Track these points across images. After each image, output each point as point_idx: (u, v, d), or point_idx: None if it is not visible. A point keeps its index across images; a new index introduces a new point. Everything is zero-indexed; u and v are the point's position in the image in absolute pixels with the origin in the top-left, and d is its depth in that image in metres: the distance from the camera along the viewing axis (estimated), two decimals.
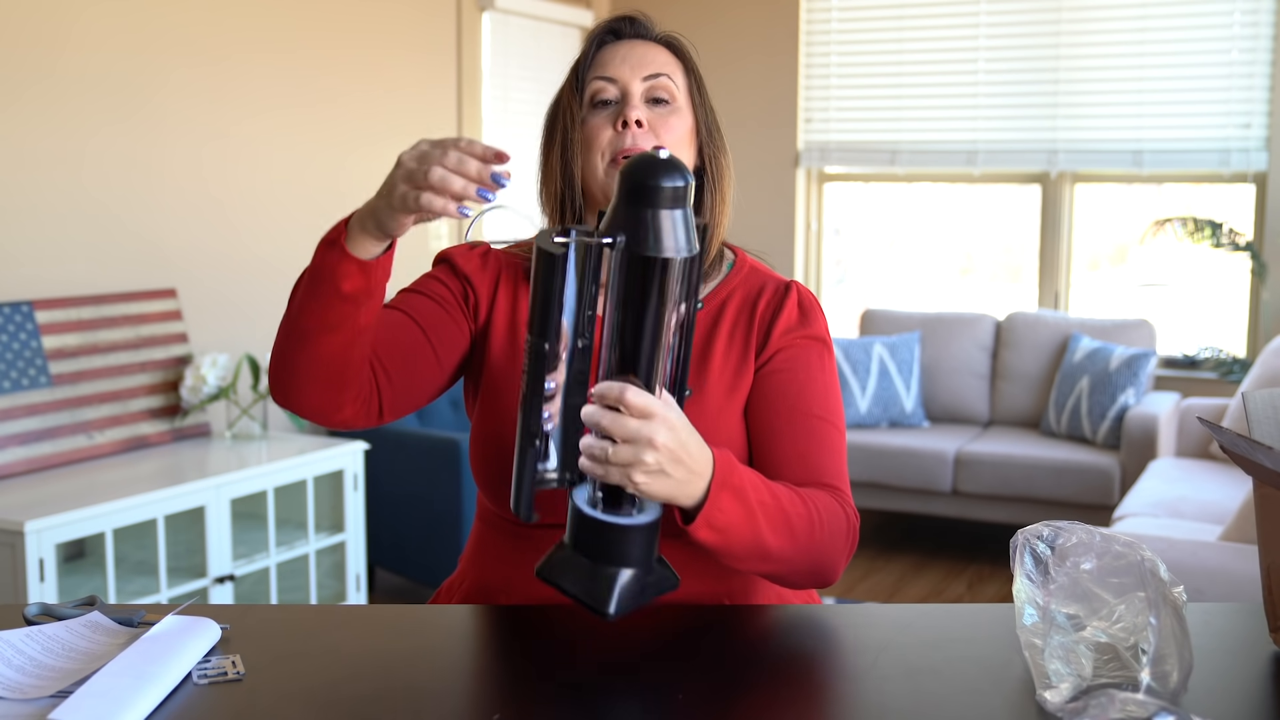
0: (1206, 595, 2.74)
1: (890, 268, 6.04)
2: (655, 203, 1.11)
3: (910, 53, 5.50)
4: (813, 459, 1.40)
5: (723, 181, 1.51)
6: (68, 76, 3.49)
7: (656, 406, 1.12)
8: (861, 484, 4.88)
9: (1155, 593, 1.11)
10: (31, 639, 1.22)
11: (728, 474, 1.22)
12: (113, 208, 3.64)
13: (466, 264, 1.52)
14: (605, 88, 1.46)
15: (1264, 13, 4.92)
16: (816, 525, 1.31)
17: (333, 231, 1.33)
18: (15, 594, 2.82)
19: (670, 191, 1.11)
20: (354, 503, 3.72)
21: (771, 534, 1.26)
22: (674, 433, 1.13)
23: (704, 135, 1.50)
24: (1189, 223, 4.85)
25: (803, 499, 1.32)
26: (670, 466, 1.14)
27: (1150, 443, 4.49)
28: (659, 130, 1.44)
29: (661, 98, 1.46)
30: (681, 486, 1.17)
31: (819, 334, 1.47)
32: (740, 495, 1.23)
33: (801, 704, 1.16)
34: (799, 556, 1.29)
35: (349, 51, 4.44)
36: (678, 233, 1.12)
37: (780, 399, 1.43)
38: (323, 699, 1.15)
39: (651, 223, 1.11)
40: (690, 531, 1.22)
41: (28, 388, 3.24)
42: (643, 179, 1.12)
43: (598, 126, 1.45)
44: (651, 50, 1.49)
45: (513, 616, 1.37)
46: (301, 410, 1.38)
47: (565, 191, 1.48)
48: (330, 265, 1.31)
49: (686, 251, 1.12)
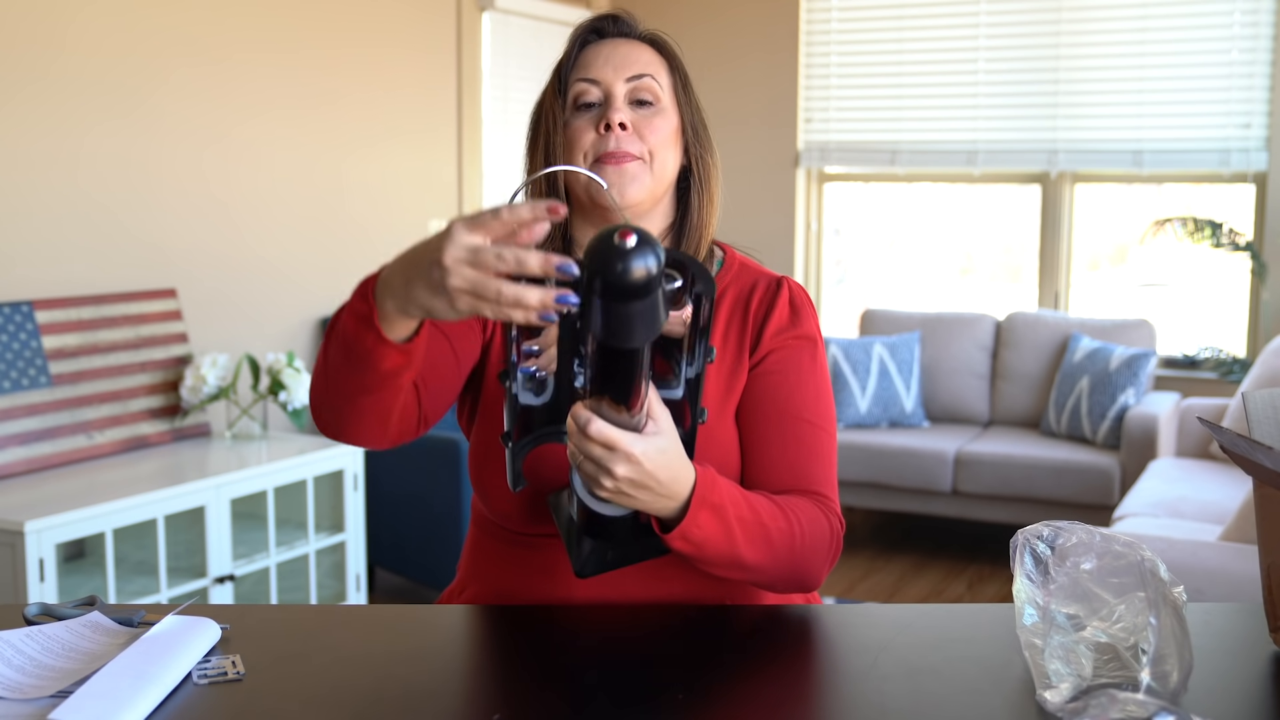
0: (1206, 595, 2.74)
1: (890, 268, 6.04)
2: (620, 298, 1.03)
3: (910, 53, 5.50)
4: (801, 466, 1.41)
5: (710, 181, 1.50)
6: (67, 76, 3.49)
7: (620, 440, 1.15)
8: (861, 484, 4.88)
9: (1155, 593, 1.11)
10: (31, 639, 1.22)
11: (708, 491, 1.25)
12: (113, 208, 3.64)
13: None
14: (588, 89, 1.44)
15: (1264, 13, 4.92)
16: (797, 537, 1.33)
17: (363, 304, 1.21)
18: (15, 594, 2.82)
19: (637, 287, 1.02)
20: (354, 503, 3.72)
21: (748, 548, 1.29)
22: (633, 465, 1.16)
23: (689, 135, 1.48)
24: (1189, 223, 4.85)
25: (785, 512, 1.33)
26: (632, 490, 1.18)
27: (1150, 443, 4.49)
28: (643, 131, 1.42)
29: (645, 99, 1.44)
30: (649, 505, 1.22)
31: (810, 333, 1.47)
32: (719, 512, 1.26)
33: (802, 704, 1.16)
34: (776, 568, 1.32)
35: (349, 51, 4.44)
36: (648, 321, 1.05)
37: (771, 403, 1.43)
38: (323, 699, 1.15)
39: (619, 316, 1.04)
40: (665, 539, 1.26)
41: (28, 388, 3.24)
42: (607, 274, 1.02)
43: (580, 129, 1.44)
44: (635, 50, 1.47)
45: (513, 616, 1.37)
46: (349, 443, 1.37)
47: (549, 194, 1.46)
48: (367, 348, 1.22)
49: (660, 331, 1.07)
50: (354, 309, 1.22)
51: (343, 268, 4.47)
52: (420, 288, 1.12)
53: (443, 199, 4.93)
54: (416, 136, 4.79)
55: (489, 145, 5.14)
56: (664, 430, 1.19)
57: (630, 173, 1.41)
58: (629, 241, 1.02)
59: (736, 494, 1.29)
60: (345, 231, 4.48)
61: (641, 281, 1.02)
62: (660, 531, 1.26)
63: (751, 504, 1.30)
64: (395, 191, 4.70)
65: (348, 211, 4.49)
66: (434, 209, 4.89)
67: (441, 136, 4.91)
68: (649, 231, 1.05)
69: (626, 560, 1.29)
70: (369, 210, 4.58)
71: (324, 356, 1.30)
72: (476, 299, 1.08)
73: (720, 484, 1.27)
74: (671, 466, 1.20)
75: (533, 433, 1.22)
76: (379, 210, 4.62)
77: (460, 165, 4.98)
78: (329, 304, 4.42)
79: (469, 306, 1.08)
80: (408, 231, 4.76)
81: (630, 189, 1.41)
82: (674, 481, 1.21)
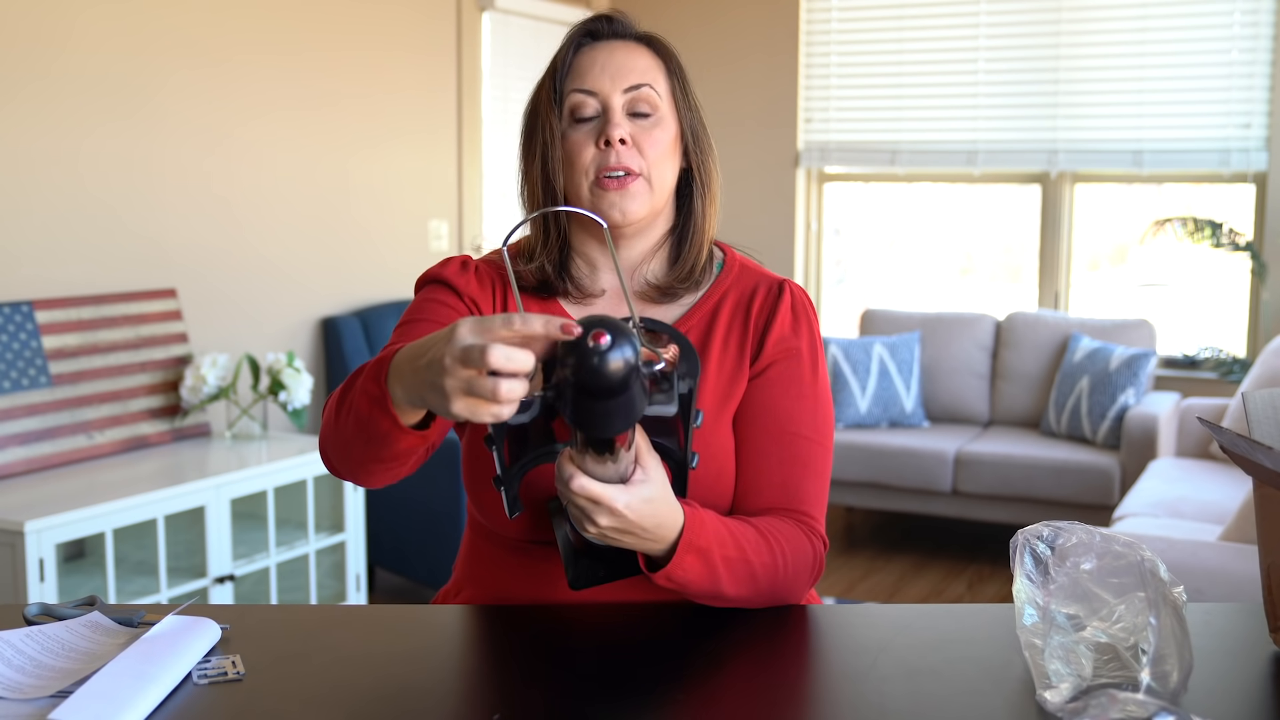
0: (1206, 595, 2.74)
1: (890, 268, 6.04)
2: (597, 397, 1.03)
3: (910, 53, 5.50)
4: (793, 485, 1.41)
5: (711, 184, 1.49)
6: (68, 75, 3.49)
7: (603, 496, 1.16)
8: (861, 484, 4.88)
9: (1155, 593, 1.11)
10: (31, 639, 1.22)
11: (695, 535, 1.27)
12: (113, 208, 3.64)
13: (466, 285, 1.46)
14: (585, 102, 1.42)
15: (1264, 13, 4.92)
16: (780, 569, 1.34)
17: (375, 386, 1.19)
18: (15, 594, 2.82)
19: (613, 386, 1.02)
20: (354, 503, 3.72)
21: (731, 584, 1.31)
22: (615, 518, 1.18)
23: (689, 140, 1.47)
24: (1189, 223, 4.85)
25: (770, 544, 1.34)
26: (615, 535, 1.21)
27: (1150, 443, 4.49)
28: (642, 145, 1.41)
29: (643, 110, 1.42)
30: (636, 547, 1.24)
31: (812, 341, 1.46)
32: (705, 555, 1.28)
33: (802, 704, 1.16)
34: (758, 598, 1.34)
35: (348, 52, 4.44)
36: (626, 413, 1.06)
37: (770, 418, 1.43)
38: (323, 699, 1.15)
39: (596, 412, 1.05)
40: (650, 577, 1.28)
41: (28, 388, 3.24)
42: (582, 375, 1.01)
43: (579, 143, 1.42)
44: (632, 55, 1.44)
45: (512, 616, 1.37)
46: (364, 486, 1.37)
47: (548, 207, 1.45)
48: (383, 431, 1.21)
49: (639, 418, 1.08)
50: (367, 390, 1.20)
51: (343, 268, 4.47)
52: (423, 383, 1.10)
53: (443, 199, 4.93)
54: (416, 137, 4.79)
55: (489, 145, 5.14)
56: (652, 479, 1.20)
57: (632, 192, 1.41)
58: (603, 343, 1.01)
59: (724, 532, 1.30)
60: (345, 231, 4.48)
61: (617, 381, 1.02)
62: (646, 569, 1.28)
63: (738, 540, 1.31)
64: (395, 191, 4.70)
65: (348, 211, 4.49)
66: (434, 209, 4.89)
67: (441, 137, 4.91)
68: (622, 324, 1.03)
69: (619, 576, 1.31)
70: (369, 210, 4.58)
71: (335, 422, 1.28)
72: (471, 398, 1.04)
73: (708, 525, 1.29)
74: (658, 515, 1.21)
75: (528, 451, 1.19)
76: (379, 210, 4.62)
77: (460, 165, 4.98)
78: (329, 304, 4.42)
79: (465, 410, 1.04)
80: (407, 231, 4.76)
81: (631, 207, 1.41)
82: (660, 528, 1.23)
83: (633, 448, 1.17)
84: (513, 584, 1.42)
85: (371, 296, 4.60)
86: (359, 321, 4.43)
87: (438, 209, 4.90)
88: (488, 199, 5.17)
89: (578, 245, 1.48)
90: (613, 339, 1.01)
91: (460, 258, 1.50)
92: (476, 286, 1.47)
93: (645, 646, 1.27)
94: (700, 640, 1.29)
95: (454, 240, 4.98)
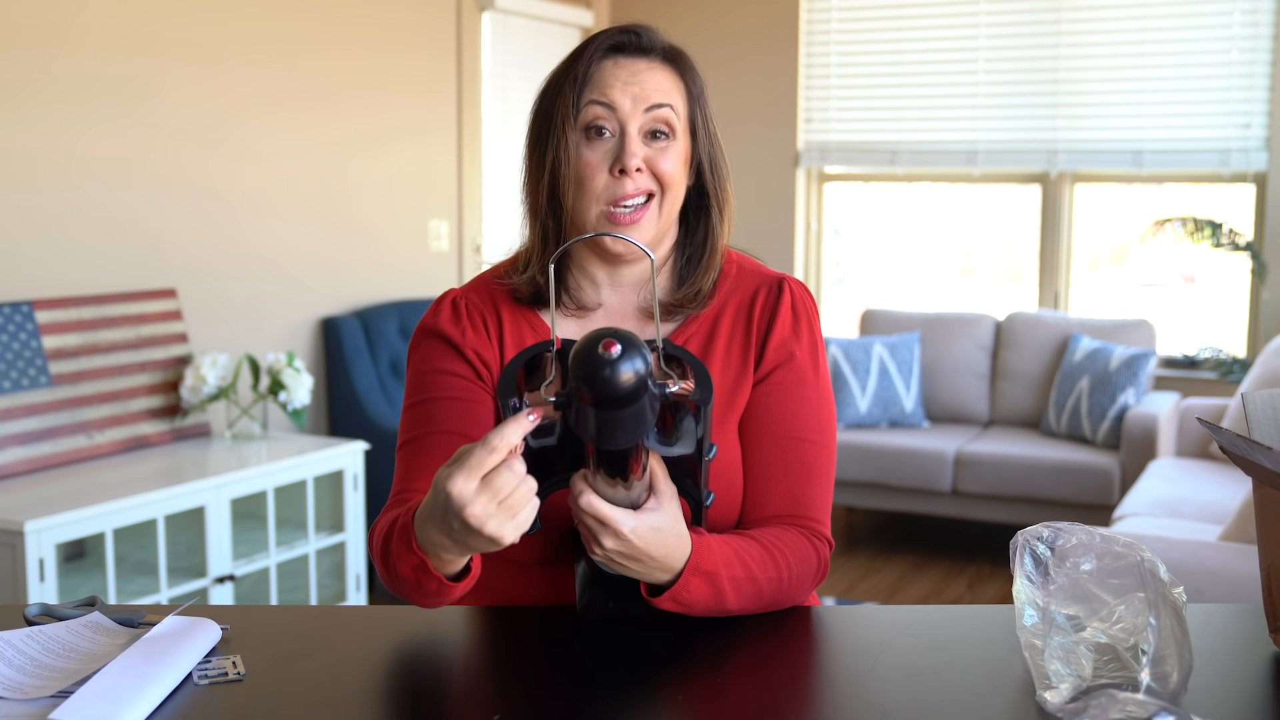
0: (1206, 595, 2.74)
1: (890, 268, 6.04)
2: (607, 407, 1.03)
3: (910, 53, 5.50)
4: (799, 491, 1.41)
5: (726, 206, 1.47)
6: (68, 75, 3.49)
7: (610, 517, 1.16)
8: (861, 484, 4.88)
9: (1155, 593, 1.11)
10: (32, 639, 1.22)
11: (702, 558, 1.26)
12: (113, 208, 3.64)
13: (463, 337, 1.43)
14: (603, 115, 1.39)
15: (1264, 13, 4.92)
16: (785, 581, 1.35)
17: (411, 554, 1.21)
18: (15, 594, 2.82)
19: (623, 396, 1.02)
20: (354, 503, 3.72)
21: (736, 601, 1.31)
22: (622, 541, 1.18)
23: (706, 162, 1.45)
24: (1189, 223, 4.85)
25: (775, 558, 1.34)
26: (621, 560, 1.21)
27: (1150, 443, 4.49)
28: (656, 166, 1.39)
29: (661, 130, 1.40)
30: (641, 574, 1.24)
31: (813, 338, 1.46)
32: (711, 578, 1.28)
33: (802, 704, 1.16)
34: (761, 609, 1.35)
35: (349, 52, 4.44)
36: (637, 424, 1.06)
37: (776, 423, 1.42)
38: (323, 699, 1.15)
39: (607, 422, 1.05)
40: (653, 602, 1.27)
41: (28, 388, 3.24)
42: (592, 385, 1.02)
43: (592, 166, 1.38)
44: (655, 74, 1.40)
45: (512, 616, 1.37)
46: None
47: (550, 223, 1.42)
48: (433, 590, 1.24)
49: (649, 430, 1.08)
50: (405, 559, 1.22)
51: (343, 268, 4.47)
52: (462, 544, 1.14)
53: (443, 199, 4.93)
54: (417, 137, 4.79)
55: (489, 145, 5.14)
56: (664, 507, 1.19)
57: (642, 225, 1.39)
58: (613, 352, 1.01)
59: (729, 553, 1.30)
60: (345, 231, 4.48)
61: (628, 390, 1.02)
62: (649, 595, 1.27)
63: (744, 559, 1.31)
64: (395, 191, 4.70)
65: (348, 211, 4.49)
66: (434, 209, 4.89)
67: (442, 137, 4.91)
68: (633, 336, 1.04)
69: (627, 611, 1.31)
70: (369, 210, 4.58)
71: (386, 575, 1.28)
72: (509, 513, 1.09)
73: (715, 550, 1.28)
74: (665, 544, 1.21)
75: (553, 475, 1.19)
76: (379, 210, 4.62)
77: (460, 165, 4.98)
78: (329, 304, 4.42)
79: (513, 534, 1.10)
80: (408, 231, 4.76)
81: (641, 233, 1.39)
82: (668, 558, 1.22)
83: (646, 475, 1.17)
84: (513, 588, 1.41)
85: (371, 296, 4.60)
86: (359, 321, 4.43)
87: (438, 209, 4.90)
88: (488, 199, 5.17)
89: (578, 260, 1.46)
90: (623, 349, 1.01)
91: (449, 299, 1.46)
92: (473, 335, 1.43)
93: (645, 647, 1.27)
94: (700, 641, 1.29)
95: (454, 240, 4.98)
